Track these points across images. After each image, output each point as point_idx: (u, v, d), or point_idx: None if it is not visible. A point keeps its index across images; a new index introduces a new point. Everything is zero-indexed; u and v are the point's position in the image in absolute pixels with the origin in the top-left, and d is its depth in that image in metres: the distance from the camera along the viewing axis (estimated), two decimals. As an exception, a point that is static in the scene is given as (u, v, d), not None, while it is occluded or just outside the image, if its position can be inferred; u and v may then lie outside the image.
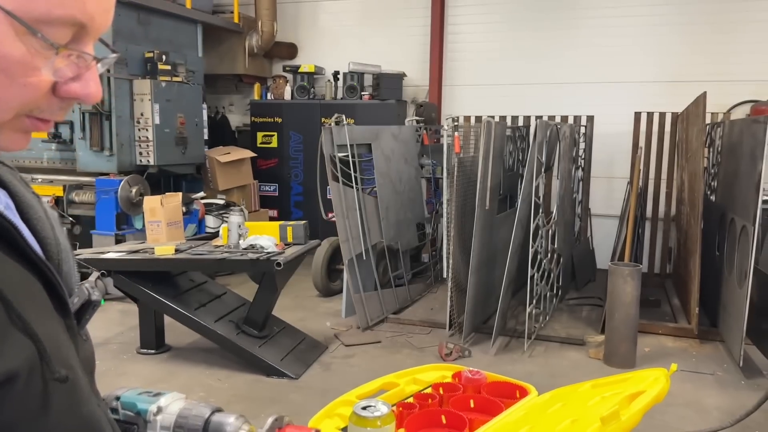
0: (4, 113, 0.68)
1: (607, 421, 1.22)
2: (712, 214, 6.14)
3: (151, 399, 1.00)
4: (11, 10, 0.63)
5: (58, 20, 0.67)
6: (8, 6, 0.63)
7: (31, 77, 0.67)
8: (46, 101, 0.70)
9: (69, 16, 0.67)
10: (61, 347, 0.73)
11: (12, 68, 0.66)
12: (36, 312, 0.70)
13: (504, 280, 5.45)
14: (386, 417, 1.23)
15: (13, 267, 0.70)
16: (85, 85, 0.71)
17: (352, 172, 6.10)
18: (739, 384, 4.84)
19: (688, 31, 7.74)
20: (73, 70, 0.70)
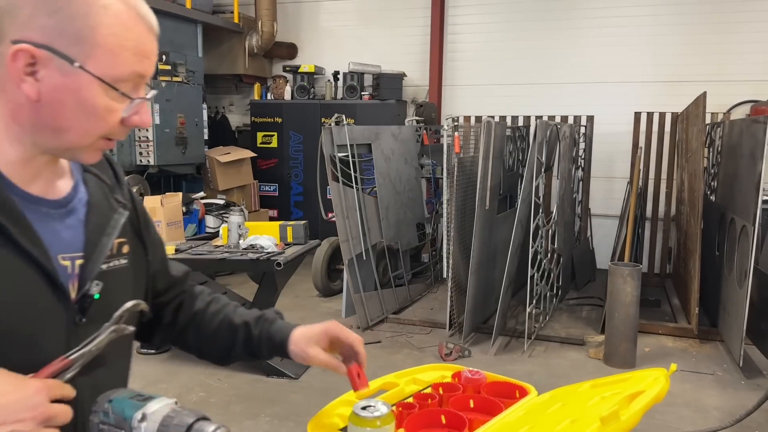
0: (90, 139, 1.03)
1: (606, 421, 1.22)
2: (712, 214, 6.14)
3: (138, 404, 0.98)
4: (99, 76, 0.98)
5: (129, 77, 1.01)
6: (97, 73, 0.98)
7: (111, 116, 1.02)
8: (117, 130, 1.05)
9: (135, 73, 1.02)
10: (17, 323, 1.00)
11: (99, 112, 1.01)
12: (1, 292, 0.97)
13: (504, 280, 5.45)
14: (386, 417, 1.22)
15: (2, 259, 0.98)
16: (141, 117, 1.06)
17: (352, 172, 6.10)
18: (738, 384, 4.84)
19: (688, 31, 7.74)
20: (136, 108, 1.05)
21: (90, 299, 1.09)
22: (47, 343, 1.04)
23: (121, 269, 1.18)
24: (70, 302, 1.07)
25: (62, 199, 1.11)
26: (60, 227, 1.09)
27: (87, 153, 1.06)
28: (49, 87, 0.98)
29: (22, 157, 1.04)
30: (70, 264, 1.09)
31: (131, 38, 1.00)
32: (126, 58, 1.00)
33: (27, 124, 1.01)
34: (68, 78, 0.97)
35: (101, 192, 1.18)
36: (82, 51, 0.97)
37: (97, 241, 1.12)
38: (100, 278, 1.11)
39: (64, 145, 1.03)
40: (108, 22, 0.98)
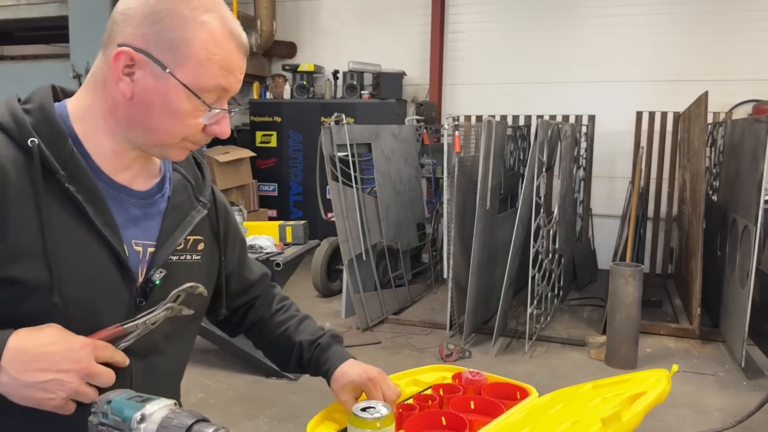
0: (174, 138, 1.13)
1: (608, 422, 1.21)
2: (714, 214, 6.12)
3: (137, 405, 0.98)
4: (186, 83, 1.08)
5: (213, 88, 1.11)
6: (184, 81, 1.08)
7: (192, 121, 1.12)
8: (198, 135, 1.15)
9: (219, 86, 1.11)
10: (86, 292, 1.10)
11: (181, 115, 1.10)
12: (72, 261, 1.08)
13: (505, 281, 5.43)
14: (386, 418, 1.21)
15: (73, 229, 1.09)
16: (221, 128, 1.15)
17: (351, 171, 6.08)
18: (740, 385, 4.82)
19: (691, 30, 7.72)
20: (212, 118, 1.14)
21: (152, 284, 1.18)
22: (108, 317, 1.12)
23: (191, 264, 1.27)
24: (135, 284, 1.17)
25: (146, 192, 1.21)
26: (139, 216, 1.19)
27: (173, 151, 1.16)
28: (142, 88, 1.09)
29: (114, 149, 1.15)
30: (142, 250, 1.19)
31: (220, 54, 1.09)
32: (212, 71, 1.09)
33: (122, 119, 1.12)
34: (159, 82, 1.08)
35: (185, 191, 1.28)
36: (174, 59, 1.07)
37: (170, 234, 1.22)
38: (167, 267, 1.20)
39: (152, 142, 1.14)
40: (201, 37, 1.08)
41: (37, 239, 1.04)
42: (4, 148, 1.06)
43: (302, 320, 1.59)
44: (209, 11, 1.09)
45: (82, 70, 7.00)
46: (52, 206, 1.07)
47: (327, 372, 1.46)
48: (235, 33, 1.12)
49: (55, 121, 1.11)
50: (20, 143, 1.07)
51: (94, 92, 1.14)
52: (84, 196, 1.09)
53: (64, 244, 1.07)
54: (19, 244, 1.03)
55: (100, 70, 1.14)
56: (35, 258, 1.04)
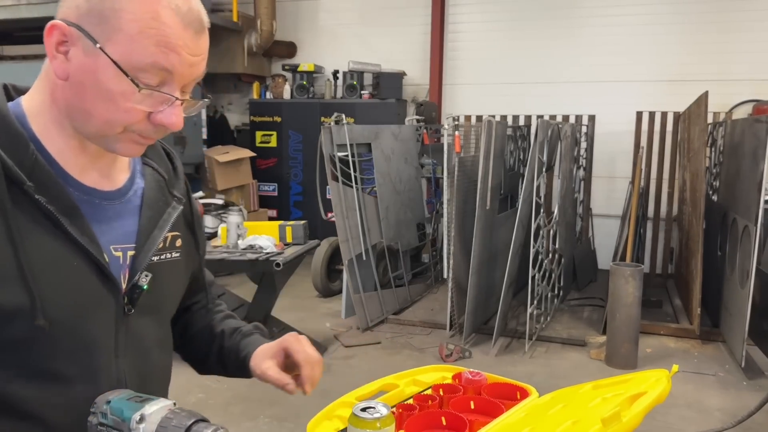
0: (113, 129, 1.01)
1: (608, 422, 1.20)
2: (714, 214, 6.11)
3: (136, 405, 0.97)
4: (116, 60, 0.96)
5: (149, 67, 0.97)
6: (114, 56, 0.96)
7: (126, 104, 0.99)
8: (143, 125, 1.02)
9: (158, 66, 0.98)
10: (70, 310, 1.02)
11: (113, 97, 0.98)
12: (51, 279, 0.99)
13: (505, 281, 5.43)
14: (386, 419, 1.21)
15: (49, 244, 1.00)
16: (167, 116, 1.02)
17: (351, 171, 6.08)
18: (740, 385, 4.82)
19: (690, 30, 7.72)
20: (156, 105, 1.01)
21: (139, 290, 1.12)
22: (96, 331, 1.07)
23: (172, 262, 1.21)
24: (120, 292, 1.10)
25: (117, 191, 1.13)
26: (114, 218, 1.11)
27: (119, 144, 1.05)
28: (75, 66, 0.98)
29: (68, 143, 1.05)
30: (121, 255, 1.11)
31: (157, 28, 0.97)
32: (146, 47, 0.97)
33: (62, 105, 1.02)
34: (90, 58, 0.97)
35: (157, 185, 1.19)
36: (103, 32, 0.96)
37: (149, 234, 1.14)
38: (150, 270, 1.13)
39: (92, 130, 1.03)
40: (133, 8, 0.96)
41: (11, 260, 0.96)
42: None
43: (228, 317, 1.50)
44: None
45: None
46: (22, 222, 0.98)
47: (247, 355, 1.37)
48: (183, 8, 1.00)
49: (11, 125, 1.00)
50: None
51: (43, 80, 1.05)
52: (55, 206, 1.00)
53: (40, 262, 0.99)
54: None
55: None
56: (12, 280, 0.96)
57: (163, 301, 1.21)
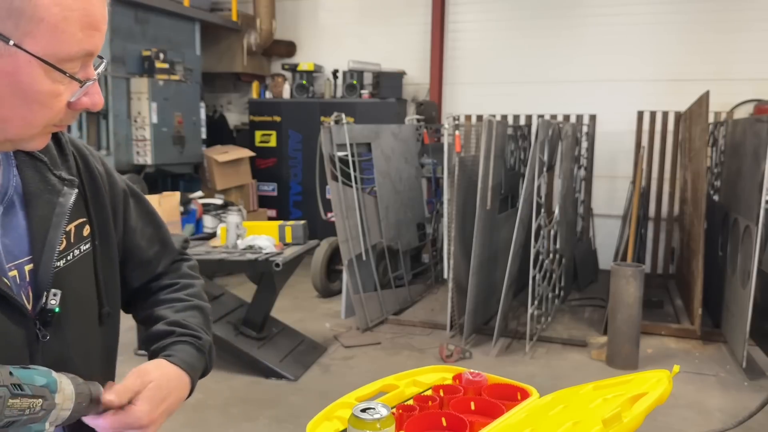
0: (33, 129, 0.88)
1: (609, 423, 1.19)
2: (715, 214, 6.11)
3: (44, 372, 0.85)
4: (41, 56, 0.82)
5: (76, 56, 0.86)
6: (38, 53, 0.82)
7: (56, 102, 0.87)
8: (65, 115, 0.90)
9: (84, 51, 0.86)
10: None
11: (42, 98, 0.85)
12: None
13: (505, 281, 5.42)
14: (386, 419, 1.20)
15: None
16: (92, 98, 0.91)
17: (351, 171, 6.07)
18: (742, 385, 4.81)
19: (691, 30, 7.71)
20: (76, 91, 0.89)
21: (50, 314, 0.94)
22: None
23: (83, 258, 1.02)
24: (28, 319, 0.92)
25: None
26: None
27: (34, 142, 0.91)
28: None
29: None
30: (17, 273, 0.93)
31: (78, 8, 0.83)
32: (73, 34, 0.83)
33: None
34: (2, 60, 0.81)
35: (38, 174, 0.98)
36: (17, 27, 0.80)
37: (43, 238, 0.95)
38: (58, 282, 0.95)
39: (2, 136, 0.88)
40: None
41: None
42: None
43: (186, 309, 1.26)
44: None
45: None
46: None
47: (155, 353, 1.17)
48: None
49: None
50: None
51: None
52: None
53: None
54: None
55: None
56: None
57: (85, 310, 1.03)
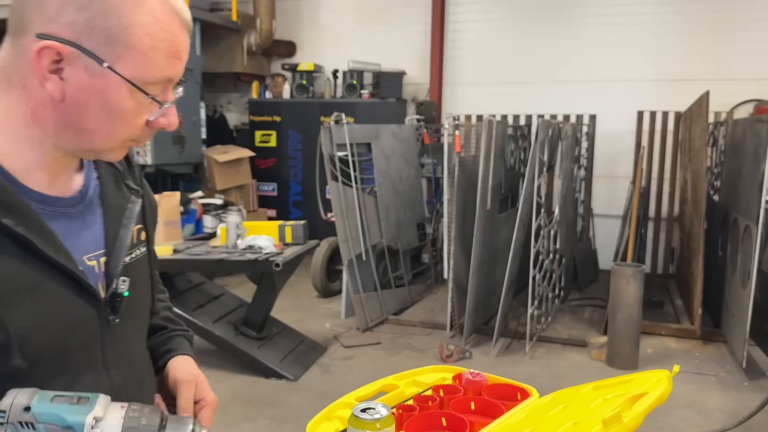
0: (114, 142, 1.00)
1: (609, 423, 1.19)
2: (715, 214, 6.11)
3: (80, 408, 0.83)
4: (129, 78, 0.93)
5: (158, 80, 0.96)
6: (127, 75, 0.92)
7: (137, 119, 0.98)
8: (141, 132, 1.01)
9: (166, 77, 0.97)
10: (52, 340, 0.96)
11: (125, 116, 0.96)
12: (26, 310, 0.92)
13: (505, 281, 5.42)
14: (386, 419, 1.20)
15: (20, 271, 0.92)
16: (168, 119, 1.02)
17: (351, 171, 6.07)
18: (742, 385, 4.81)
19: (691, 30, 7.71)
20: (163, 111, 1.00)
21: (120, 298, 1.07)
22: (81, 350, 1.03)
23: (142, 258, 1.17)
24: (101, 303, 1.05)
25: (77, 195, 1.07)
26: (80, 226, 1.06)
27: (111, 154, 1.03)
28: (74, 87, 0.93)
29: (42, 160, 0.99)
30: (96, 263, 1.06)
31: (165, 38, 0.94)
32: (158, 61, 0.95)
33: (49, 125, 0.96)
34: (96, 79, 0.92)
35: (113, 180, 1.14)
36: (112, 51, 0.91)
37: (116, 235, 1.10)
38: (126, 273, 1.08)
39: (86, 146, 0.99)
40: (142, 21, 0.92)
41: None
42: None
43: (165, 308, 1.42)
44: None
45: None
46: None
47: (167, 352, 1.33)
48: (177, 9, 0.96)
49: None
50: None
51: (7, 94, 0.96)
52: (24, 227, 0.92)
53: (13, 292, 0.91)
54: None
55: (13, 65, 0.95)
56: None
57: (141, 303, 1.18)
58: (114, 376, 1.08)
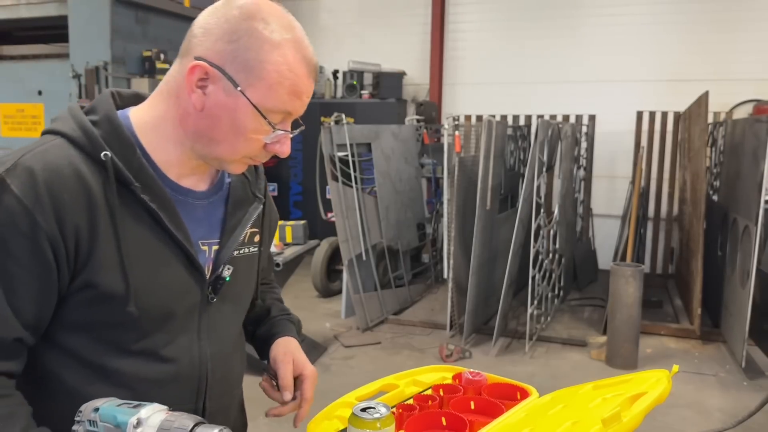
0: (235, 154, 1.17)
1: (608, 422, 1.20)
2: (715, 214, 6.11)
3: (131, 411, 0.96)
4: (255, 103, 1.11)
5: (278, 111, 1.14)
6: (253, 100, 1.11)
7: (255, 138, 1.15)
8: (259, 152, 1.19)
9: (285, 110, 1.15)
10: (160, 298, 1.17)
11: (247, 134, 1.14)
12: (146, 270, 1.14)
13: (505, 281, 5.43)
14: (386, 419, 1.21)
15: (147, 238, 1.15)
16: (282, 147, 1.19)
17: (351, 171, 6.08)
18: (741, 385, 4.82)
19: (691, 30, 7.71)
20: (273, 137, 1.17)
21: (222, 280, 1.25)
22: (182, 316, 1.21)
23: (250, 256, 1.35)
24: (205, 282, 1.24)
25: (207, 191, 1.27)
26: (203, 216, 1.26)
27: (232, 166, 1.21)
28: (212, 102, 1.13)
29: (180, 157, 1.20)
30: (207, 249, 1.26)
31: (290, 78, 1.12)
32: (281, 95, 1.12)
33: (190, 129, 1.16)
34: (230, 98, 1.12)
35: (242, 185, 1.33)
36: (246, 79, 1.10)
37: (232, 231, 1.29)
38: (232, 263, 1.27)
39: (214, 154, 1.18)
40: (275, 60, 1.11)
41: (114, 251, 1.11)
42: (82, 164, 1.11)
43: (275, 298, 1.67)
44: (286, 34, 1.12)
45: (81, 69, 7.00)
46: (126, 217, 1.13)
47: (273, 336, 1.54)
48: (308, 58, 1.15)
49: (123, 132, 1.15)
50: (93, 157, 1.12)
51: (167, 100, 1.18)
52: (157, 204, 1.15)
53: (138, 254, 1.13)
54: (102, 256, 1.10)
55: (174, 79, 1.18)
56: (113, 269, 1.11)
57: (240, 291, 1.35)
58: (204, 346, 1.25)
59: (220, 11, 1.14)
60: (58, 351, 1.15)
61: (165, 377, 1.19)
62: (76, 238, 1.08)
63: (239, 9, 1.12)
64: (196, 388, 1.25)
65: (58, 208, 1.06)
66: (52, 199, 1.06)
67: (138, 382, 1.17)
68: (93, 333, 1.14)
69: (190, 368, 1.22)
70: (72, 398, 1.08)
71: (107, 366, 1.15)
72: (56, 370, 1.15)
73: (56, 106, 7.24)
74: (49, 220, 1.06)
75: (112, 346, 1.15)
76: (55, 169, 1.08)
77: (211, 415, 1.28)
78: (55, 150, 1.11)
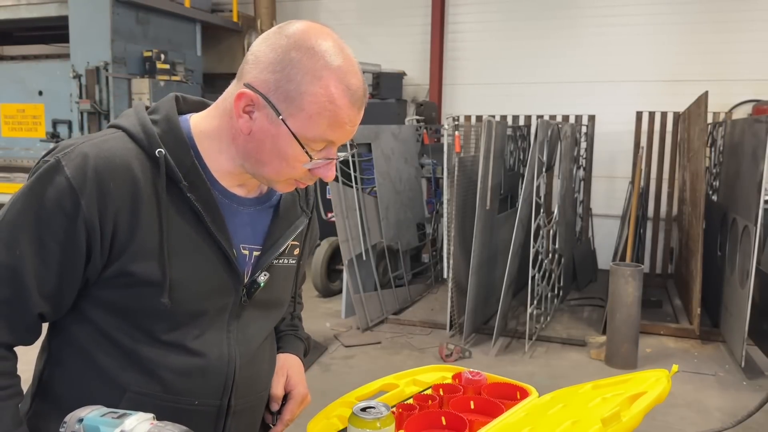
0: (280, 176, 1.22)
1: (608, 422, 1.20)
2: (714, 214, 6.12)
3: (115, 421, 0.95)
4: (294, 132, 1.15)
5: (318, 140, 1.17)
6: (293, 129, 1.15)
7: (296, 164, 1.19)
8: (304, 176, 1.23)
9: (325, 139, 1.18)
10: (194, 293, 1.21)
11: (287, 158, 1.18)
12: (184, 264, 1.19)
13: (505, 281, 5.43)
14: (386, 418, 1.21)
15: (189, 235, 1.20)
16: (325, 172, 1.23)
17: (351, 171, 6.08)
18: (740, 385, 4.82)
19: (690, 30, 7.72)
20: (317, 163, 1.21)
21: (257, 285, 1.30)
22: (214, 312, 1.26)
23: (288, 267, 1.39)
24: (241, 284, 1.28)
25: (255, 199, 1.32)
26: (248, 222, 1.31)
27: (279, 185, 1.26)
28: (258, 127, 1.18)
29: (231, 170, 1.25)
30: (248, 253, 1.31)
31: (331, 110, 1.15)
32: (320, 125, 1.15)
33: (240, 148, 1.22)
34: (272, 125, 1.16)
35: (292, 198, 1.38)
36: (287, 108, 1.15)
37: (275, 240, 1.33)
38: (269, 270, 1.32)
39: (261, 174, 1.23)
40: (315, 92, 1.13)
41: (156, 242, 1.16)
42: (135, 158, 1.17)
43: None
44: (332, 63, 1.15)
45: (82, 70, 7.00)
46: (171, 212, 1.19)
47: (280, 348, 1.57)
48: (353, 88, 1.17)
49: (180, 134, 1.22)
50: (148, 152, 1.18)
51: (222, 117, 1.23)
52: (202, 204, 1.20)
53: (179, 249, 1.19)
54: (142, 245, 1.16)
55: (229, 100, 1.22)
56: (152, 259, 1.16)
57: (274, 299, 1.39)
58: (233, 344, 1.29)
59: (271, 39, 1.18)
60: (95, 330, 1.20)
61: (193, 370, 1.23)
62: (115, 226, 1.14)
63: (288, 38, 1.16)
64: (222, 384, 1.28)
65: (102, 195, 1.13)
66: (98, 184, 1.12)
67: (167, 372, 1.22)
68: (128, 317, 1.20)
69: (218, 364, 1.26)
70: (105, 383, 1.20)
71: (139, 353, 1.20)
72: (93, 351, 1.21)
73: (57, 107, 7.24)
74: (90, 205, 1.12)
75: (144, 334, 1.20)
76: (107, 158, 1.14)
77: (236, 414, 1.32)
78: (114, 142, 1.18)
